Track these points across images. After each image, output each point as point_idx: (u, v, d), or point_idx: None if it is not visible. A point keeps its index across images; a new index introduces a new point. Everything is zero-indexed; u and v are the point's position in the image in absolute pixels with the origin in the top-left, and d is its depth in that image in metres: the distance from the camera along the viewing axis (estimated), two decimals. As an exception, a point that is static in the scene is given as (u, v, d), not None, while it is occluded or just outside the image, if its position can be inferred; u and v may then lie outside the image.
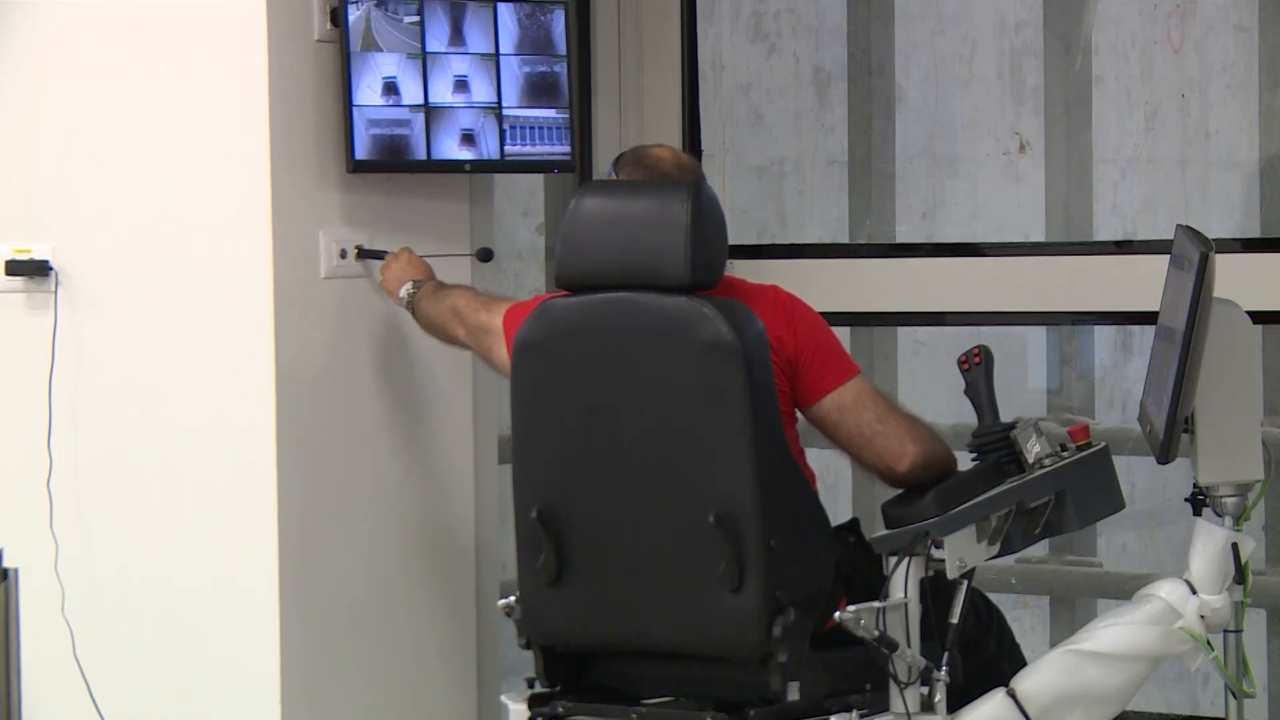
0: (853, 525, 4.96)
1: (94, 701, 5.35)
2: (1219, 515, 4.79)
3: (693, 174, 4.96)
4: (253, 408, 5.32)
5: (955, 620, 4.73)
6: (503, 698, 4.96)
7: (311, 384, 5.39)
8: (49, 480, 5.43)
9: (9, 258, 5.50)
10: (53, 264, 5.48)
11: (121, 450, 5.45)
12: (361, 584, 5.48)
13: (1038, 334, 6.77)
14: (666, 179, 4.96)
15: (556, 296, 4.84)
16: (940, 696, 4.71)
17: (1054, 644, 5.19)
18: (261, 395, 5.31)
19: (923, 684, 4.69)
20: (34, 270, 5.49)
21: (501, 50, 5.55)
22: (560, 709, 4.81)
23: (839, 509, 5.17)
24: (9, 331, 5.53)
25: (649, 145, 5.22)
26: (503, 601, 4.92)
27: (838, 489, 5.64)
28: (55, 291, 5.48)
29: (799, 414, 4.84)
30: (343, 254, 5.44)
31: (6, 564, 4.19)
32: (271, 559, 5.31)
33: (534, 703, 4.82)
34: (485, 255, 5.68)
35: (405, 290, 5.35)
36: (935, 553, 4.72)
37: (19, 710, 4.14)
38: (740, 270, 5.01)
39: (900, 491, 4.84)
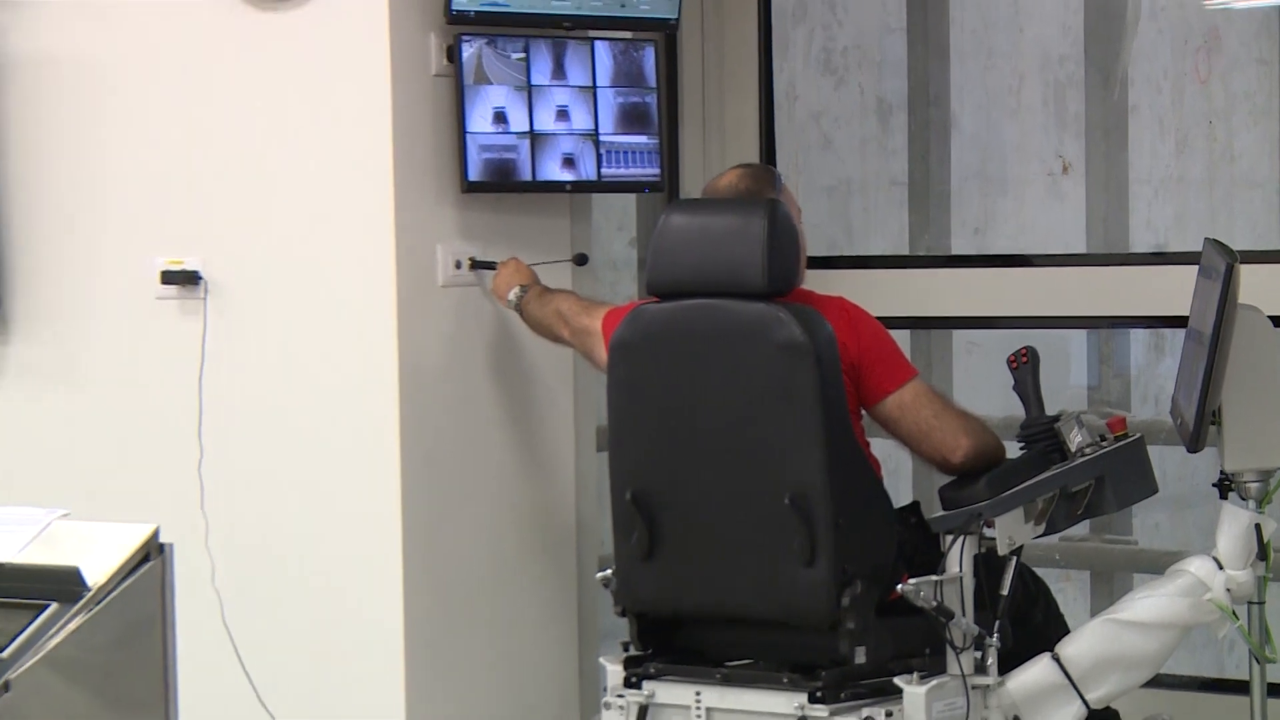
0: (913, 507, 4.96)
1: (240, 661, 5.36)
2: (1243, 499, 4.76)
3: (766, 185, 4.96)
4: (379, 402, 5.33)
5: (1005, 592, 4.73)
6: (601, 659, 4.97)
7: (431, 380, 5.40)
8: (200, 466, 5.45)
9: (164, 268, 5.51)
10: (202, 274, 5.50)
11: (263, 439, 5.47)
12: (476, 559, 5.49)
13: (1079, 336, 6.75)
14: (726, 194, 4.98)
15: (648, 302, 4.85)
16: (992, 660, 4.71)
17: (1094, 614, 5.17)
18: (387, 391, 5.33)
19: (976, 649, 4.69)
20: (186, 280, 5.51)
21: (599, 83, 5.55)
22: (652, 670, 4.82)
23: (900, 493, 5.17)
24: (164, 334, 5.56)
25: (736, 168, 5.22)
26: (601, 574, 4.94)
27: (899, 475, 5.64)
28: (205, 298, 5.50)
29: (864, 411, 4.84)
30: (458, 265, 5.44)
31: (162, 540, 4.22)
32: (396, 536, 5.32)
33: (629, 664, 4.84)
34: (581, 260, 5.68)
35: (514, 294, 5.35)
36: (987, 532, 4.71)
37: (175, 669, 4.16)
38: (810, 279, 4.99)
39: (955, 477, 4.84)
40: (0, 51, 5.71)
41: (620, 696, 4.82)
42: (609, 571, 4.89)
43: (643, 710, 4.80)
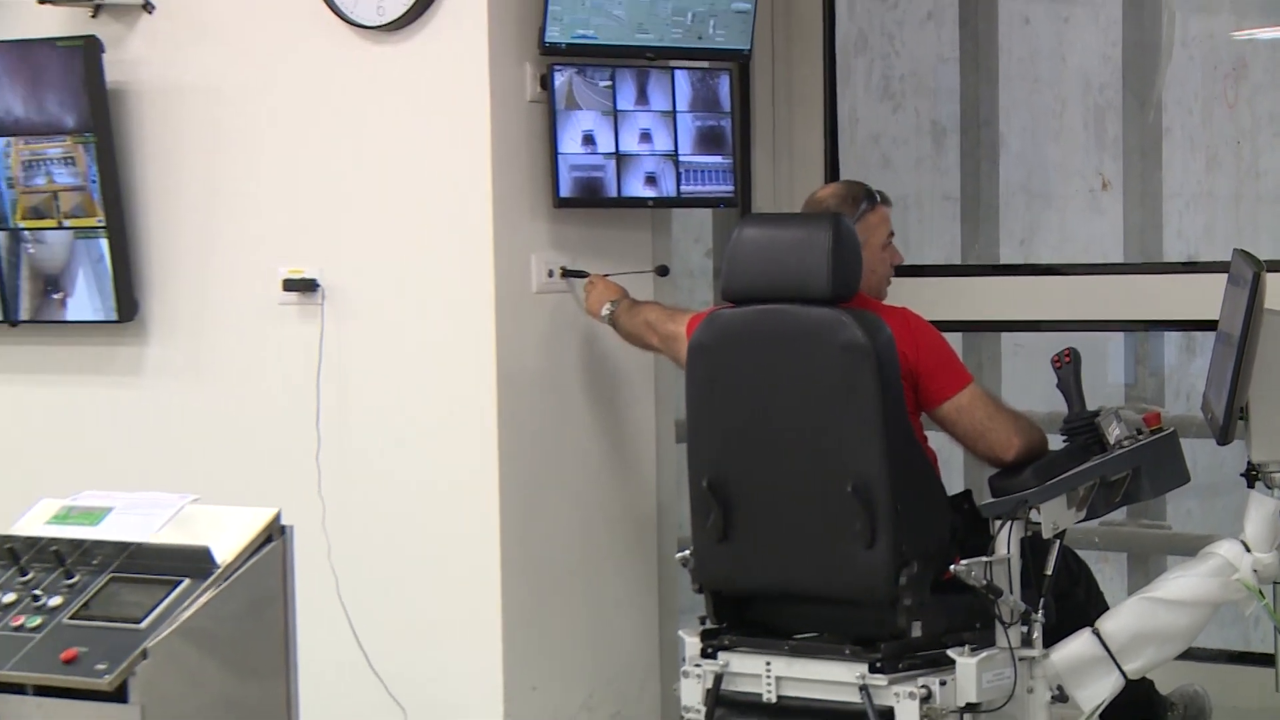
0: (965, 495, 4.95)
1: (354, 632, 5.38)
2: (1269, 487, 4.74)
3: (849, 205, 4.96)
4: (479, 397, 5.34)
5: (1049, 572, 4.73)
6: (680, 632, 4.97)
7: (525, 378, 5.41)
8: (317, 455, 5.48)
9: (286, 276, 5.54)
10: (320, 282, 5.53)
11: (374, 431, 5.49)
12: (566, 540, 5.49)
13: (1117, 339, 6.71)
14: (819, 207, 4.98)
15: (723, 308, 4.85)
16: (1037, 634, 4.70)
17: (1131, 593, 5.16)
18: (485, 387, 5.34)
19: (1023, 624, 4.68)
20: (305, 287, 5.53)
21: (678, 108, 5.54)
22: (726, 642, 4.82)
23: (953, 482, 5.14)
24: (286, 336, 5.58)
25: (826, 186, 5.28)
26: (680, 555, 4.95)
27: (951, 465, 5.60)
28: (322, 304, 5.53)
29: (923, 413, 4.84)
30: (550, 273, 5.45)
31: (284, 522, 4.24)
32: (494, 519, 5.33)
33: (705, 637, 4.84)
34: (663, 271, 5.69)
35: (606, 309, 5.36)
36: (1033, 517, 4.71)
37: (295, 639, 4.18)
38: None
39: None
40: (137, 81, 5.76)
41: (697, 666, 4.82)
42: (687, 552, 4.89)
43: (718, 678, 4.80)
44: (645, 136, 5.51)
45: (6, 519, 4.51)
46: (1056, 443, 4.86)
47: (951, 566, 4.59)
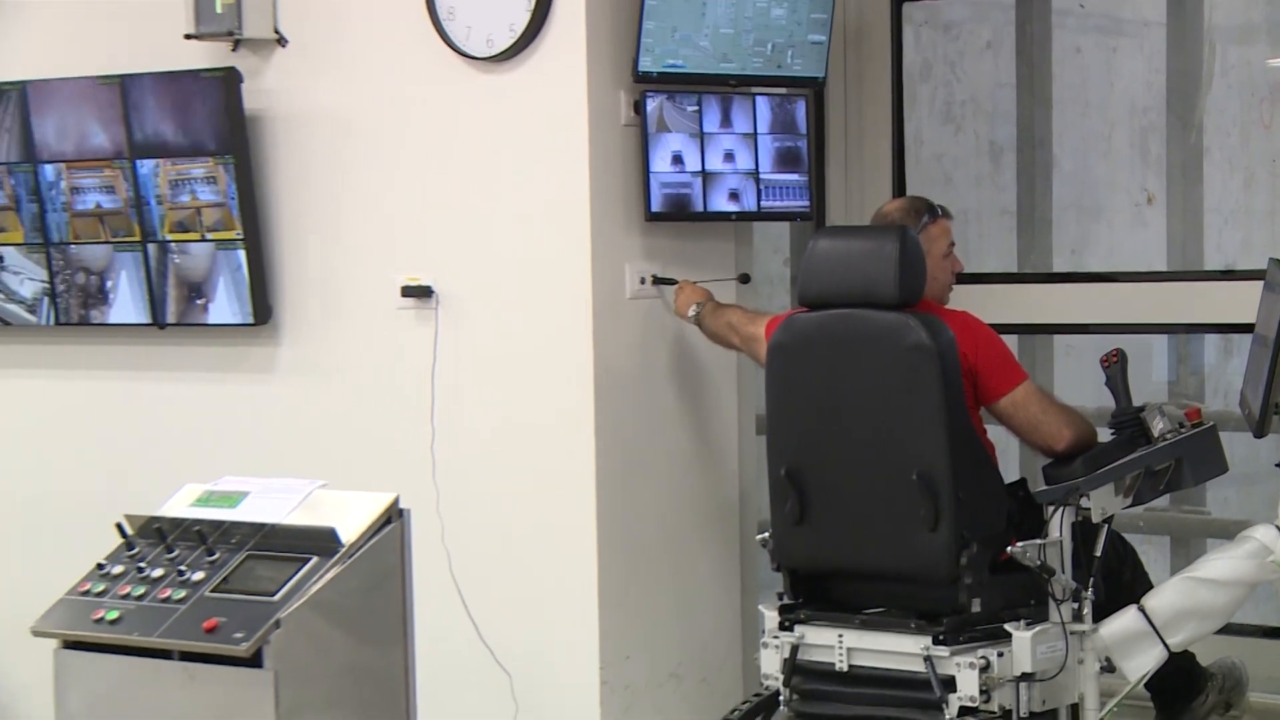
0: (1021, 483, 4.93)
1: (465, 605, 5.40)
2: (1301, 476, 4.71)
3: (914, 217, 4.95)
4: (577, 393, 5.35)
5: (1098, 554, 4.70)
6: (760, 607, 4.97)
7: (619, 375, 5.41)
8: (432, 445, 5.49)
9: (404, 284, 5.56)
10: (435, 288, 5.54)
11: (483, 424, 5.50)
12: (656, 524, 5.49)
13: (1160, 340, 6.66)
14: (886, 220, 4.96)
15: (799, 312, 4.84)
16: (1087, 610, 4.68)
17: (1173, 573, 5.11)
18: (584, 384, 5.34)
19: (1074, 601, 4.66)
20: (421, 293, 5.55)
21: (759, 130, 5.54)
22: (802, 616, 4.82)
23: (1009, 471, 5.12)
24: (404, 338, 5.60)
25: (893, 200, 5.28)
26: (760, 536, 4.95)
27: (1008, 455, 5.57)
28: (436, 308, 5.54)
29: (982, 408, 4.82)
30: (642, 281, 5.45)
31: (401, 506, 4.27)
32: (590, 504, 5.34)
33: (783, 611, 4.84)
34: (744, 279, 5.68)
35: (692, 311, 5.36)
36: (1083, 503, 4.68)
37: (412, 611, 4.20)
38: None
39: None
40: (272, 108, 5.79)
41: (776, 638, 4.82)
42: (766, 535, 4.89)
43: (794, 649, 4.79)
44: (729, 156, 5.50)
45: (155, 502, 4.56)
46: (1105, 435, 4.83)
47: (1008, 548, 4.58)
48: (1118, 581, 4.83)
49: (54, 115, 5.97)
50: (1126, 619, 4.69)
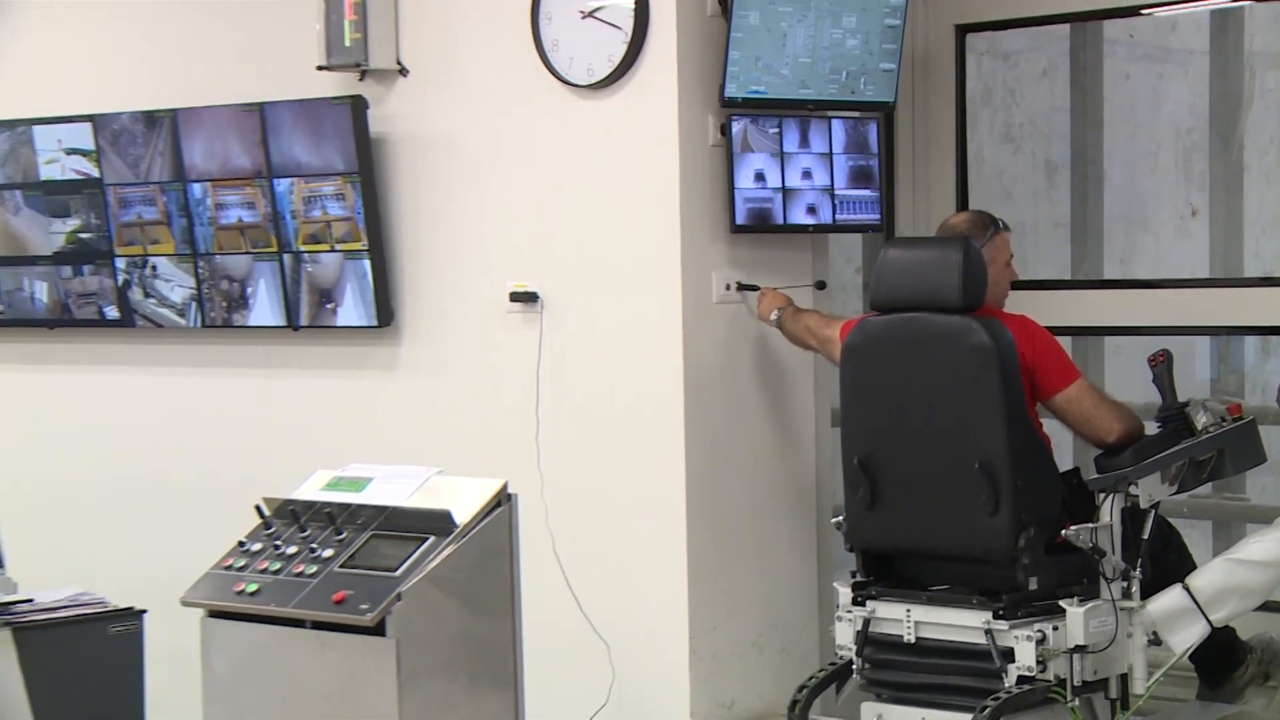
0: (1074, 471, 4.88)
1: (566, 580, 5.39)
2: (1334, 467, 4.64)
3: (979, 230, 4.92)
4: (668, 390, 5.34)
5: (1145, 537, 4.67)
6: (835, 584, 4.94)
7: (707, 374, 5.40)
8: (537, 436, 5.50)
9: (512, 290, 5.57)
10: (539, 294, 5.55)
11: (583, 416, 5.50)
12: (740, 508, 5.48)
13: (1203, 342, 6.59)
14: (952, 232, 4.94)
15: (871, 316, 4.82)
16: (1135, 588, 4.65)
17: (1215, 554, 5.05)
18: (674, 381, 5.33)
19: (1123, 580, 4.63)
20: (527, 298, 5.55)
21: (834, 150, 5.51)
22: (873, 592, 4.79)
23: (1064, 460, 5.07)
24: (511, 339, 5.60)
25: (959, 214, 5.25)
26: (834, 520, 4.93)
27: (1063, 446, 5.52)
28: (541, 312, 5.55)
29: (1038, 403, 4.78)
30: (727, 287, 5.43)
31: (510, 491, 4.28)
32: (680, 490, 5.32)
33: (855, 588, 4.82)
34: (820, 285, 5.65)
35: (773, 316, 5.34)
36: (1132, 490, 4.65)
37: (519, 585, 4.21)
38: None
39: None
40: (394, 132, 5.82)
41: (849, 612, 4.80)
42: (840, 518, 4.87)
43: (866, 622, 4.77)
44: (807, 174, 5.48)
45: (290, 486, 4.59)
46: (1152, 429, 4.78)
47: (1063, 531, 4.55)
48: (1164, 562, 4.78)
49: (201, 139, 6.03)
50: (1172, 596, 4.64)
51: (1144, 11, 5.97)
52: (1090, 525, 4.60)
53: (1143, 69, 7.16)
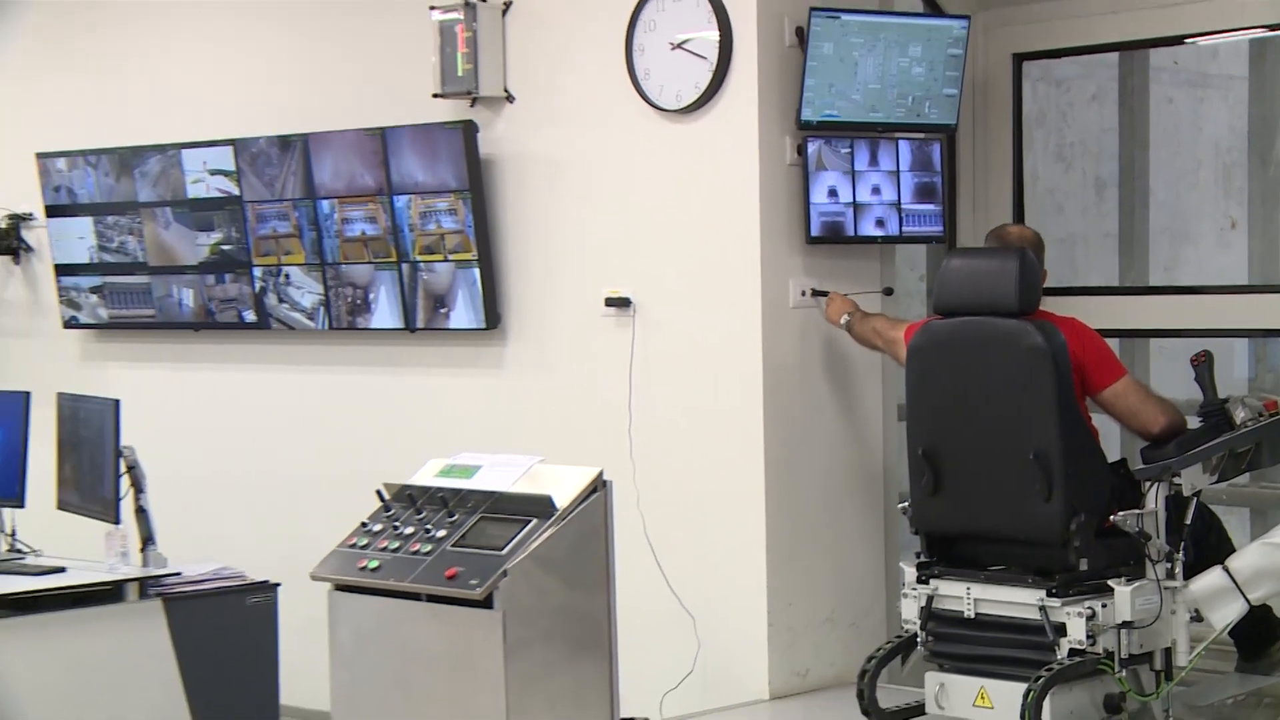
0: (1121, 462, 4.83)
1: (656, 559, 5.38)
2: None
3: (1028, 242, 4.87)
4: (749, 386, 5.32)
5: (1188, 522, 4.61)
6: (900, 564, 4.90)
7: (783, 372, 5.37)
8: (629, 428, 5.49)
9: (607, 295, 5.56)
10: (632, 300, 5.55)
11: (671, 410, 5.48)
12: (814, 495, 5.45)
13: (1242, 343, 6.50)
14: (1006, 242, 4.89)
15: (934, 319, 4.78)
16: (1178, 570, 4.58)
17: (1253, 538, 4.97)
18: (753, 379, 5.32)
19: (1167, 561, 4.55)
20: (621, 304, 5.55)
21: (901, 168, 5.47)
22: (936, 572, 4.75)
23: (1112, 452, 5.01)
24: (606, 340, 5.59)
25: (1008, 225, 5.21)
26: (900, 505, 4.90)
27: (1110, 439, 5.46)
28: (633, 316, 5.54)
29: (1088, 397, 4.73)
30: (802, 293, 5.41)
31: (605, 478, 4.27)
32: (759, 478, 5.31)
33: (919, 568, 4.78)
34: (888, 291, 5.61)
35: (843, 319, 5.31)
36: (1175, 480, 4.59)
37: (613, 563, 4.20)
38: (1050, 303, 4.88)
39: (1152, 443, 4.72)
40: (502, 153, 5.83)
41: (914, 589, 4.76)
42: (906, 504, 4.83)
43: (929, 599, 4.73)
44: (875, 190, 5.45)
45: (407, 473, 4.60)
46: (1194, 423, 4.71)
47: (1111, 517, 4.49)
48: (1205, 545, 4.72)
49: (329, 160, 6.07)
50: (1212, 577, 4.57)
51: (1187, 40, 5.89)
52: (1137, 512, 4.54)
53: (1185, 93, 7.07)
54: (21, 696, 4.89)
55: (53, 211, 6.83)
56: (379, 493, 4.48)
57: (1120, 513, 4.50)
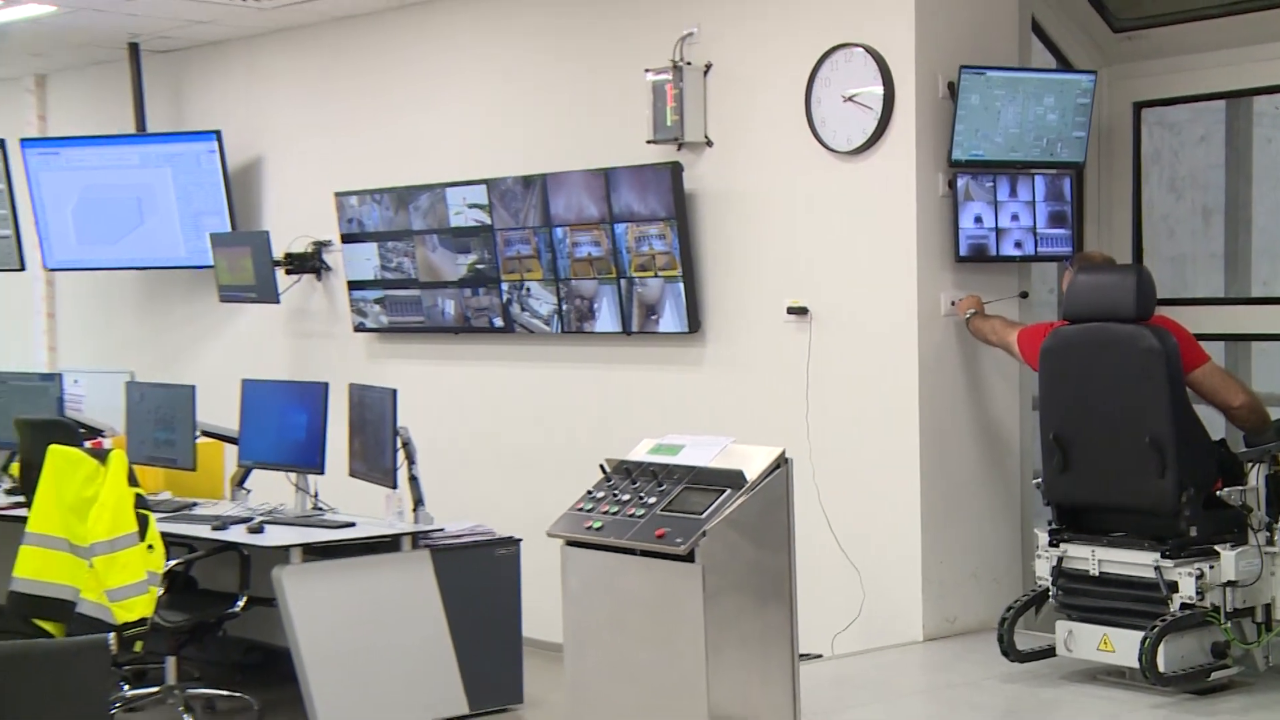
0: (1221, 443, 4.68)
1: (829, 523, 5.34)
2: None
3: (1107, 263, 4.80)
4: (907, 383, 5.27)
5: (1286, 497, 4.45)
6: (1035, 530, 4.82)
7: (936, 371, 5.30)
8: (807, 416, 5.47)
9: (789, 305, 5.53)
10: (809, 309, 5.52)
11: (840, 402, 5.44)
12: (961, 473, 5.36)
13: (1336, 345, 6.22)
14: (1110, 263, 4.81)
15: (1063, 325, 4.68)
16: (1277, 537, 4.43)
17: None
18: (910, 375, 5.26)
19: (1266, 530, 4.41)
20: (800, 312, 5.52)
21: (1036, 199, 5.38)
22: (1065, 537, 4.67)
23: (1217, 435, 4.84)
24: (788, 343, 5.57)
25: (1090, 250, 5.22)
26: (1035, 481, 4.82)
27: (1214, 428, 5.27)
28: (811, 323, 5.51)
29: None
30: (952, 304, 5.33)
31: (787, 456, 4.25)
32: (915, 459, 5.24)
33: (1051, 534, 4.71)
34: (1024, 295, 5.51)
35: (969, 314, 5.25)
36: (1275, 460, 4.42)
37: (794, 527, 4.17)
38: (1165, 312, 4.75)
39: (1252, 430, 4.60)
40: (703, 189, 5.84)
41: (1046, 551, 4.69)
42: (1039, 479, 4.76)
43: (1059, 560, 4.65)
44: (1015, 217, 5.35)
45: (624, 450, 4.63)
46: (1290, 414, 4.54)
47: (1217, 491, 4.36)
48: (1300, 518, 4.55)
49: (563, 195, 6.15)
50: (1307, 545, 4.41)
51: (1286, 89, 5.68)
52: (1240, 488, 4.41)
53: (1284, 134, 6.81)
54: (321, 624, 5.06)
55: (346, 238, 7.04)
56: (601, 466, 4.52)
57: (1225, 488, 4.37)
